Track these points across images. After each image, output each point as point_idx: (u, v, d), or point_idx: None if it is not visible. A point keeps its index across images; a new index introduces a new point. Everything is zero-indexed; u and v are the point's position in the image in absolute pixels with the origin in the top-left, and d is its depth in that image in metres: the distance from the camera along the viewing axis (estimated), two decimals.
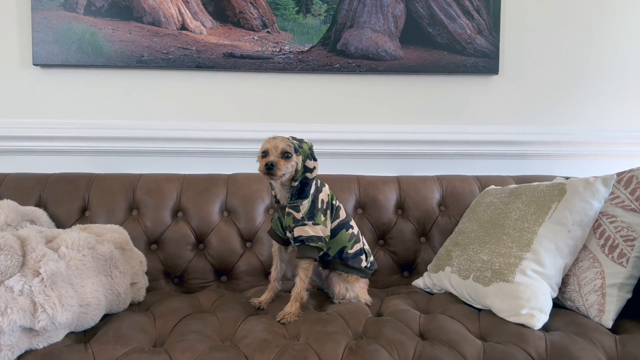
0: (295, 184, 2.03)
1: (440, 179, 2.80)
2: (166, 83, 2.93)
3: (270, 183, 2.10)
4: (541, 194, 2.17)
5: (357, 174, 2.81)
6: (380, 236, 2.70)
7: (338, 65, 2.94)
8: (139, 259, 2.28)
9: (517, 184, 2.65)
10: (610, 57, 3.12)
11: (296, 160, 1.99)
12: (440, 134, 3.00)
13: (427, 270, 2.49)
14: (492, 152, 3.04)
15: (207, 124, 2.93)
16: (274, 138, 2.00)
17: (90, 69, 2.89)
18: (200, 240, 2.59)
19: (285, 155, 1.97)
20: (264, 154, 1.98)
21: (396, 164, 3.02)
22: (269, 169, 1.92)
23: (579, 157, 3.12)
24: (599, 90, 3.13)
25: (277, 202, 2.13)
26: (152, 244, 2.56)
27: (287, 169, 1.96)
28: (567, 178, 2.27)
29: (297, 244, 2.06)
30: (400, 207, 2.73)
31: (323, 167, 2.17)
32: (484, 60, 3.00)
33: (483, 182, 2.78)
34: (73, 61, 2.83)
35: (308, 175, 2.04)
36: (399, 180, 2.77)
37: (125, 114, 2.92)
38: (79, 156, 2.89)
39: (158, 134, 2.88)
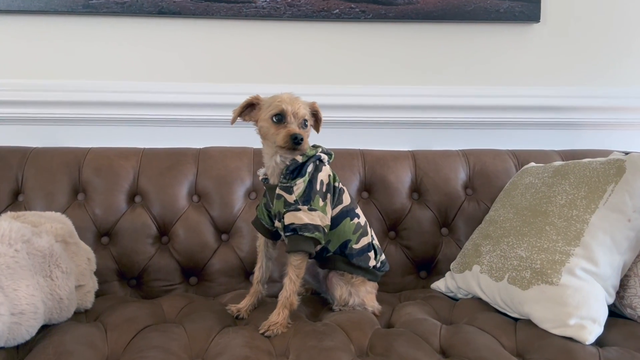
0: (300, 158, 2.01)
1: (466, 154, 2.78)
2: (121, 34, 2.88)
3: (263, 154, 2.09)
4: (594, 174, 2.14)
5: (361, 148, 2.79)
6: (391, 227, 2.68)
7: (337, 10, 2.89)
8: (86, 255, 2.25)
9: (563, 160, 2.63)
10: None
11: (308, 132, 2.01)
12: (467, 97, 2.97)
13: (449, 270, 2.48)
14: (532, 121, 3.02)
15: (172, 84, 2.89)
16: (292, 98, 1.98)
17: (25, 16, 2.83)
18: (164, 231, 2.57)
19: (304, 125, 1.98)
20: (279, 117, 1.95)
21: (411, 135, 3.00)
22: (298, 144, 1.90)
23: None
24: None
25: (266, 181, 2.10)
26: (102, 236, 2.54)
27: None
28: (626, 153, 2.24)
29: (287, 234, 2.02)
30: (416, 189, 2.71)
31: (319, 139, 2.15)
32: (521, 4, 2.95)
33: (520, 158, 2.76)
34: (3, 6, 2.77)
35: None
36: (414, 156, 2.75)
37: (69, 73, 2.87)
38: (10, 126, 2.85)
39: (110, 97, 2.83)
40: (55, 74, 2.87)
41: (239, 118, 2.07)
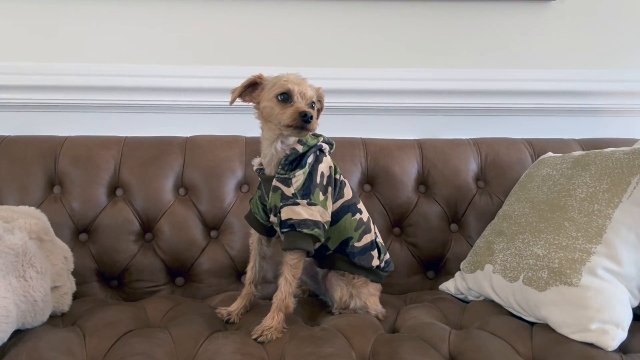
0: (300, 147, 2.00)
1: (477, 143, 2.78)
2: (98, 11, 2.86)
3: (262, 141, 2.08)
4: (617, 164, 2.13)
5: (363, 137, 2.78)
6: (396, 223, 2.68)
7: None
8: (63, 253, 2.24)
9: (583, 150, 2.63)
10: None
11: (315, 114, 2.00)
12: (478, 81, 2.95)
13: (459, 270, 2.48)
14: (549, 107, 3.01)
15: (157, 67, 2.87)
16: (299, 79, 1.98)
17: None
18: (148, 228, 2.56)
19: (312, 106, 1.98)
20: (285, 96, 1.94)
21: (417, 122, 2.99)
22: (307, 122, 1.89)
23: None
24: None
25: (261, 171, 2.09)
26: (81, 233, 2.53)
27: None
28: None
29: (284, 230, 2.01)
30: (423, 182, 2.71)
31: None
32: None
33: (537, 147, 2.76)
34: None
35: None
36: (420, 145, 2.75)
37: (45, 54, 2.86)
38: None
39: (89, 81, 2.81)
40: (29, 55, 2.85)
41: (238, 99, 2.06)
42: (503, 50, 3.00)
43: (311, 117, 1.87)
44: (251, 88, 2.05)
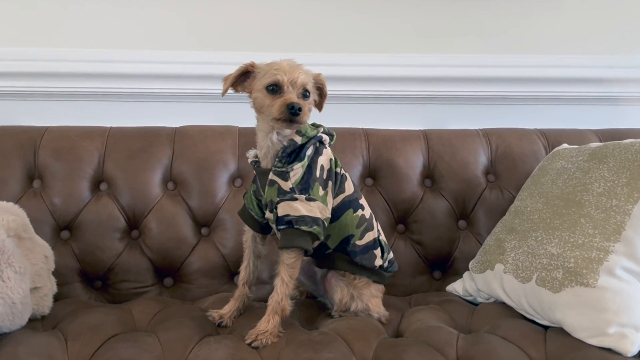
0: (299, 138, 1.99)
1: (487, 134, 2.77)
2: None
3: (257, 132, 2.06)
4: (637, 157, 2.11)
5: (365, 127, 2.77)
6: (400, 219, 2.67)
7: None
8: (43, 252, 2.23)
9: (601, 141, 2.62)
10: None
11: (310, 104, 1.99)
12: (488, 67, 2.95)
13: (468, 270, 2.47)
14: (564, 95, 3.00)
15: (143, 52, 2.86)
16: (292, 65, 1.96)
17: None
18: (134, 225, 2.56)
19: (305, 95, 1.96)
20: (274, 87, 1.93)
21: (423, 111, 2.99)
22: (295, 115, 1.88)
23: None
24: None
25: (256, 164, 2.08)
26: (62, 230, 2.52)
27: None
28: None
29: (281, 228, 2.00)
30: (429, 175, 2.70)
31: (314, 116, 2.12)
32: None
33: (551, 138, 2.75)
34: None
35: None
36: (426, 136, 2.74)
37: (22, 38, 2.84)
38: None
39: (71, 67, 2.80)
40: (6, 40, 2.84)
41: (230, 89, 2.04)
42: (514, 34, 3.00)
43: (300, 110, 1.86)
44: (243, 76, 2.04)
